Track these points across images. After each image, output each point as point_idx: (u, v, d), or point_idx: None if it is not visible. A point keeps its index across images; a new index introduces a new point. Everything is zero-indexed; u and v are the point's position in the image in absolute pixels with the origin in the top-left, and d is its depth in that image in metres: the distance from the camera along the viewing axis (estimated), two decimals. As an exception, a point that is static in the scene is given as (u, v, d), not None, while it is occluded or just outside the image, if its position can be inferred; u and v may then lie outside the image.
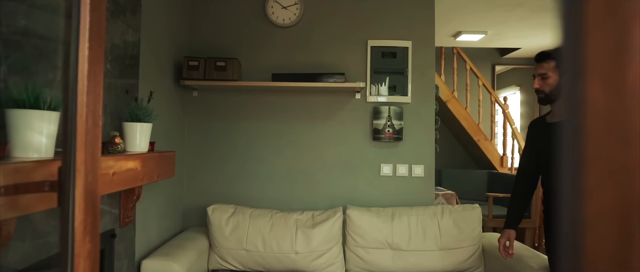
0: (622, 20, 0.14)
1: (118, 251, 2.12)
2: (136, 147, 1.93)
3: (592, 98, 0.13)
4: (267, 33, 3.18)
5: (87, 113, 0.77)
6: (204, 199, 3.14)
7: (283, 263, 2.76)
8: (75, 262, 0.77)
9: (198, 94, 3.17)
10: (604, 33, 0.14)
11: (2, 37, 1.28)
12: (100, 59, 0.80)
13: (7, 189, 0.92)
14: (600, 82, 0.13)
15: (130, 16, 2.16)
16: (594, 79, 0.13)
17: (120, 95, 2.07)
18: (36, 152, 1.20)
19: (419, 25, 3.17)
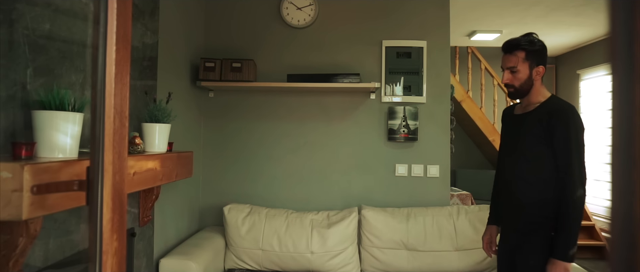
0: None
1: (137, 250, 2.15)
2: (155, 148, 1.96)
3: None
4: (282, 34, 3.20)
5: (114, 114, 0.79)
6: (220, 199, 3.18)
7: (299, 263, 2.77)
8: (103, 259, 0.79)
9: (214, 94, 3.21)
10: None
11: (29, 41, 1.31)
12: (127, 61, 0.82)
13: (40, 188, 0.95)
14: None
15: (149, 19, 2.20)
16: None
17: (140, 96, 2.11)
18: (61, 153, 1.23)
19: (433, 25, 3.16)
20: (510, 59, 1.84)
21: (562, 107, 1.79)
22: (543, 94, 1.87)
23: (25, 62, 1.30)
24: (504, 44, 1.88)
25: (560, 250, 1.72)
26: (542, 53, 1.85)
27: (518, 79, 1.84)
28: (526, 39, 1.84)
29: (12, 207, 0.99)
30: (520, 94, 1.88)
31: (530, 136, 1.83)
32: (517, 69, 1.83)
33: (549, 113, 1.79)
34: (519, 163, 1.89)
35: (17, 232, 1.11)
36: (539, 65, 1.84)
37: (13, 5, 1.25)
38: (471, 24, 5.06)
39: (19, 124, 1.27)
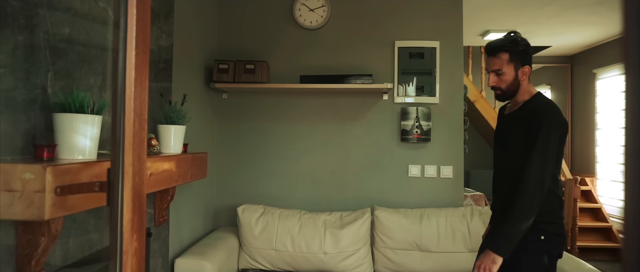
0: None
1: (153, 250, 2.19)
2: (171, 149, 1.99)
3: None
4: (295, 35, 3.22)
5: (134, 117, 0.81)
6: (234, 199, 3.20)
7: (312, 263, 2.79)
8: (123, 259, 0.81)
9: (228, 96, 3.24)
10: None
11: (50, 45, 1.35)
12: (146, 66, 0.84)
13: (63, 189, 0.97)
14: None
15: (164, 22, 2.23)
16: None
17: (155, 98, 2.14)
18: (81, 154, 1.26)
19: (446, 25, 3.14)
20: (495, 62, 1.81)
21: (537, 106, 1.76)
22: (530, 92, 1.84)
23: (46, 65, 1.33)
24: (487, 47, 1.84)
25: (494, 241, 1.71)
26: (527, 53, 1.81)
27: (504, 81, 1.81)
28: (509, 40, 1.80)
29: (34, 208, 1.02)
30: (508, 96, 1.85)
31: (513, 135, 1.82)
32: (503, 71, 1.80)
33: (527, 111, 1.78)
34: (505, 162, 1.87)
35: (39, 232, 1.14)
36: (524, 66, 1.80)
37: (35, 11, 1.28)
38: (484, 24, 5.03)
39: (40, 127, 1.30)
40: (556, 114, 1.72)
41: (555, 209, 1.79)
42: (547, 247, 1.75)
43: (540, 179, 1.66)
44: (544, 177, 1.67)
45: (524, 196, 1.67)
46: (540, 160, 1.67)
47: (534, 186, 1.66)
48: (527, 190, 1.67)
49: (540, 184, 1.66)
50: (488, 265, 1.67)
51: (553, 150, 1.69)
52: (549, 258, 1.76)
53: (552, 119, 1.69)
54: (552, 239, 1.76)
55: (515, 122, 1.82)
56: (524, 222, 1.67)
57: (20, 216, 1.03)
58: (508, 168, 1.85)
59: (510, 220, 1.68)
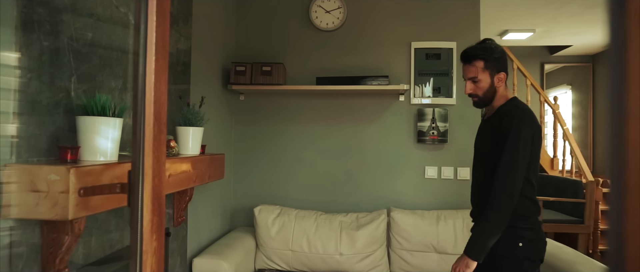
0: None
1: (172, 249, 2.23)
2: (189, 150, 2.03)
3: (632, 138, 0.16)
4: (311, 37, 3.23)
5: (154, 121, 0.83)
6: (251, 200, 3.24)
7: (328, 264, 2.80)
8: (143, 258, 0.84)
9: (245, 98, 3.27)
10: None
11: (73, 49, 1.39)
12: (165, 70, 0.87)
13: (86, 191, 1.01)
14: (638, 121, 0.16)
15: (182, 25, 2.27)
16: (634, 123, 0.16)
17: (174, 100, 2.18)
18: (103, 156, 1.30)
19: (463, 26, 3.12)
20: (470, 70, 1.82)
21: (509, 110, 1.77)
22: (505, 97, 1.85)
23: (69, 70, 1.37)
24: (462, 55, 1.86)
25: (468, 245, 1.72)
26: (502, 59, 1.83)
27: (480, 88, 1.82)
28: (483, 48, 1.81)
29: (59, 208, 1.06)
30: (485, 102, 1.86)
31: (486, 140, 1.84)
32: (478, 79, 1.80)
33: (499, 116, 1.79)
34: (480, 167, 1.89)
35: (63, 231, 1.18)
36: (499, 72, 1.81)
37: (59, 17, 1.32)
38: (503, 23, 4.97)
39: (64, 129, 1.34)
40: (526, 117, 1.72)
41: (532, 214, 1.78)
42: (526, 253, 1.75)
43: (510, 185, 1.67)
44: (514, 183, 1.67)
45: (494, 201, 1.68)
46: (510, 166, 1.67)
47: (503, 192, 1.67)
48: (496, 196, 1.68)
49: (510, 190, 1.67)
50: (462, 268, 1.70)
51: (524, 155, 1.69)
52: (531, 263, 1.77)
53: (521, 123, 1.70)
54: (531, 245, 1.76)
55: (489, 127, 1.85)
56: (495, 228, 1.68)
57: (45, 216, 1.07)
58: (482, 173, 1.86)
59: (482, 225, 1.71)
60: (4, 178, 1.12)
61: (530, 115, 1.74)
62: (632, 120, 0.17)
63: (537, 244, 1.78)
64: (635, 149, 0.17)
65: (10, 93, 1.17)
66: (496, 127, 1.77)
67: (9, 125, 1.16)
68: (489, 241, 1.68)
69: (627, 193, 0.17)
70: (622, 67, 0.17)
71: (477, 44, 1.85)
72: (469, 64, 1.82)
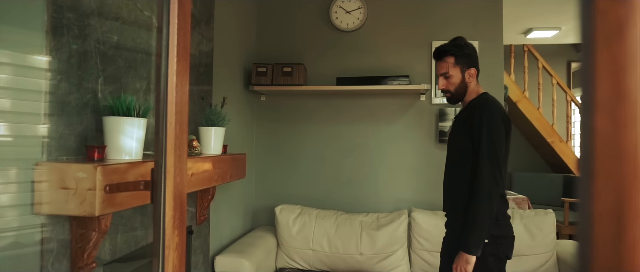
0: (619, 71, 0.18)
1: (195, 247, 2.27)
2: (211, 150, 2.07)
3: (599, 128, 0.17)
4: (332, 38, 3.25)
5: (175, 121, 0.86)
6: (272, 200, 3.27)
7: (348, 264, 2.80)
8: (165, 254, 0.87)
9: (266, 98, 3.31)
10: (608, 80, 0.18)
11: (100, 52, 1.44)
12: (186, 72, 0.90)
13: (111, 187, 1.05)
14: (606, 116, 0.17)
15: (205, 27, 2.32)
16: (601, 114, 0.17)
17: (196, 101, 2.23)
18: (128, 155, 1.34)
19: (485, 24, 3.08)
20: (442, 66, 1.88)
21: (479, 103, 1.81)
22: (477, 92, 1.89)
23: (96, 72, 1.43)
24: (434, 52, 1.93)
25: (463, 242, 1.74)
26: (472, 56, 1.88)
27: (452, 83, 1.87)
28: (454, 45, 1.87)
29: (87, 204, 1.10)
30: (457, 97, 1.90)
31: (458, 134, 1.88)
32: (450, 74, 1.86)
33: (469, 109, 1.83)
34: (452, 163, 1.93)
35: (90, 227, 1.23)
36: (470, 68, 1.86)
37: (87, 21, 1.37)
38: (527, 21, 4.88)
39: (91, 129, 1.40)
40: (495, 111, 1.76)
41: (499, 208, 1.79)
42: (492, 249, 1.76)
43: (493, 177, 1.70)
44: (495, 174, 1.71)
45: (479, 192, 1.70)
46: (489, 158, 1.71)
47: (488, 184, 1.70)
48: (482, 189, 1.70)
49: (494, 181, 1.70)
50: (463, 266, 1.72)
51: (500, 143, 1.73)
52: (496, 260, 1.78)
53: (492, 114, 1.74)
54: (498, 241, 1.77)
55: (461, 121, 1.89)
56: (485, 218, 1.70)
57: (74, 212, 1.11)
58: (453, 165, 1.91)
59: (472, 219, 1.72)
60: (36, 176, 1.17)
61: (499, 108, 1.79)
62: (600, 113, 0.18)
63: (503, 240, 1.80)
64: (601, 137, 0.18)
65: (42, 95, 1.22)
66: (467, 120, 1.82)
67: (40, 125, 1.21)
68: (483, 233, 1.71)
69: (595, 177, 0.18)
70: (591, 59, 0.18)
71: (449, 41, 1.92)
72: (440, 60, 1.89)
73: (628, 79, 0.18)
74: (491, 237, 1.75)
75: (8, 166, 1.13)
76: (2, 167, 1.12)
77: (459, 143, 1.85)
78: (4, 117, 1.13)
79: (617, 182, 0.17)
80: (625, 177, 0.17)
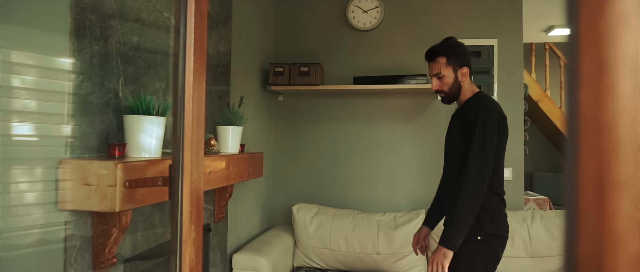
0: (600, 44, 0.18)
1: (213, 245, 2.30)
2: (228, 149, 2.09)
3: (583, 102, 0.18)
4: (349, 37, 3.25)
5: (192, 118, 0.88)
6: (289, 199, 3.29)
7: (365, 263, 2.80)
8: (182, 248, 0.89)
9: (283, 98, 3.33)
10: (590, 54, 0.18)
11: (121, 53, 1.48)
12: (203, 70, 0.92)
13: (131, 183, 1.07)
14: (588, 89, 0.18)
15: (222, 28, 2.35)
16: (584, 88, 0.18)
17: (215, 101, 2.26)
18: (147, 153, 1.37)
19: (505, 22, 3.04)
20: (434, 67, 1.88)
21: (474, 103, 1.80)
22: (472, 91, 1.88)
23: (117, 72, 1.46)
24: (426, 53, 1.93)
25: (442, 236, 1.73)
26: (463, 55, 1.88)
27: (445, 83, 1.87)
28: (444, 45, 1.87)
29: (108, 200, 1.13)
30: (452, 97, 1.90)
31: (457, 133, 1.87)
32: (442, 75, 1.86)
33: (466, 109, 1.82)
34: (450, 163, 1.93)
35: (111, 223, 1.26)
36: (462, 67, 1.86)
37: (108, 23, 1.41)
38: (548, 19, 4.79)
39: (112, 127, 1.43)
40: (492, 110, 1.75)
41: (496, 207, 1.79)
42: (482, 247, 1.75)
43: (480, 173, 1.69)
44: (483, 170, 1.69)
45: (463, 188, 1.69)
46: (478, 155, 1.70)
47: (473, 179, 1.69)
48: (467, 184, 1.69)
49: (480, 177, 1.69)
50: (440, 259, 1.71)
51: (491, 143, 1.72)
52: (484, 258, 1.76)
53: (487, 113, 1.73)
54: (491, 240, 1.76)
55: (458, 121, 1.88)
56: (467, 215, 1.69)
57: (95, 208, 1.15)
58: (450, 166, 1.91)
59: (453, 214, 1.71)
60: (60, 173, 1.21)
61: (495, 107, 1.79)
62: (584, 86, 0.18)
63: (497, 239, 1.79)
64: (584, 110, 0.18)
65: (65, 96, 1.26)
66: (463, 119, 1.81)
67: (63, 124, 1.25)
68: (462, 229, 1.70)
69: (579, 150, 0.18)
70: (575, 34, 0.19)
71: (440, 42, 1.92)
72: (432, 61, 1.90)
73: (608, 52, 0.18)
74: (484, 235, 1.75)
75: (34, 164, 1.17)
76: (29, 165, 1.16)
77: (458, 143, 1.84)
78: (30, 117, 1.17)
79: (599, 154, 0.18)
80: (605, 148, 0.18)
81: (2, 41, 1.10)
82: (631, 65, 0.17)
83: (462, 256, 1.76)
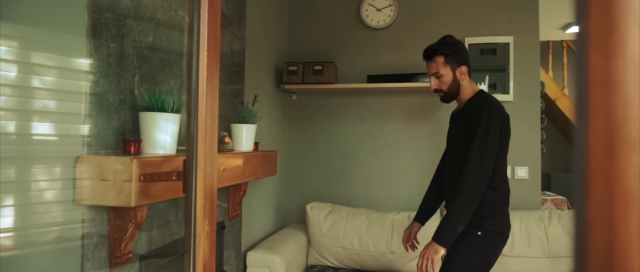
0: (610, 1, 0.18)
1: (227, 242, 2.32)
2: (242, 146, 2.11)
3: (592, 60, 0.18)
4: (362, 36, 3.24)
5: (206, 113, 0.89)
6: (303, 197, 3.29)
7: (379, 262, 2.79)
8: (196, 242, 0.90)
9: (297, 97, 3.34)
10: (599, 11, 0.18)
11: (136, 51, 1.50)
12: (216, 65, 0.92)
13: (145, 177, 1.09)
14: (597, 48, 0.18)
15: (237, 27, 2.36)
16: (593, 46, 0.18)
17: (229, 99, 2.28)
18: (162, 149, 1.39)
19: (521, 19, 3.00)
20: (432, 66, 1.88)
21: (477, 103, 1.79)
22: (472, 90, 1.87)
23: (133, 70, 1.48)
24: (424, 52, 1.92)
25: (436, 232, 1.75)
26: (461, 54, 1.87)
27: (444, 83, 1.86)
28: (442, 44, 1.86)
29: (123, 195, 1.15)
30: (451, 96, 1.90)
31: (458, 134, 1.86)
32: (441, 74, 1.85)
33: (468, 109, 1.81)
34: (452, 162, 1.91)
35: (127, 218, 1.28)
36: (461, 66, 1.86)
37: (124, 21, 1.43)
38: (566, 16, 4.71)
39: (128, 124, 1.45)
40: (495, 110, 1.74)
41: (498, 205, 1.78)
42: (482, 243, 1.75)
43: (479, 175, 1.68)
44: (482, 172, 1.69)
45: (462, 190, 1.69)
46: (479, 155, 1.69)
47: (472, 180, 1.68)
48: (465, 184, 1.69)
49: (479, 179, 1.68)
50: (430, 254, 1.73)
51: (493, 144, 1.71)
52: (480, 254, 1.76)
53: (490, 114, 1.72)
54: (491, 237, 1.76)
55: (460, 121, 1.87)
56: (462, 215, 1.69)
57: (112, 202, 1.16)
58: (454, 167, 1.89)
59: (450, 213, 1.72)
60: (78, 169, 1.23)
61: (498, 106, 1.78)
62: (593, 44, 0.18)
63: (496, 236, 1.78)
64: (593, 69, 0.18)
65: (82, 96, 1.28)
66: (466, 119, 1.80)
67: (80, 123, 1.27)
68: (456, 228, 1.70)
69: (589, 109, 0.18)
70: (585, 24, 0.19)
71: (437, 41, 1.91)
72: (430, 60, 1.89)
73: (617, 8, 0.18)
74: (484, 231, 1.76)
75: (52, 162, 1.19)
76: (48, 163, 1.18)
77: (460, 143, 1.83)
78: (49, 116, 1.19)
79: (608, 112, 0.17)
80: (615, 106, 0.17)
81: (23, 43, 1.12)
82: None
83: (460, 248, 1.78)
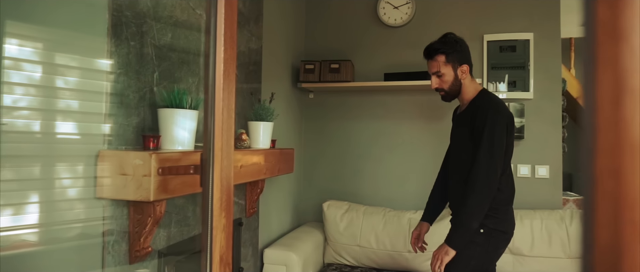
0: None
1: (244, 239, 2.34)
2: (260, 144, 2.12)
3: (600, 13, 0.17)
4: (379, 34, 3.23)
5: (223, 107, 0.90)
6: (320, 196, 3.30)
7: (396, 261, 2.78)
8: (213, 234, 0.91)
9: (314, 95, 3.34)
10: None
11: (155, 50, 1.52)
12: (233, 60, 0.93)
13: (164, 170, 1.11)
14: (606, 1, 0.17)
15: (254, 25, 2.38)
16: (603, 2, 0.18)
17: (246, 97, 2.29)
18: (180, 145, 1.41)
19: (541, 15, 2.95)
20: (433, 65, 1.86)
21: (481, 104, 1.77)
22: (475, 89, 1.84)
23: (152, 68, 1.51)
24: (424, 51, 1.90)
25: (448, 235, 1.75)
26: (463, 52, 1.84)
27: (445, 82, 1.84)
28: (443, 42, 1.84)
29: (143, 190, 1.17)
30: (452, 95, 1.88)
31: (462, 135, 1.84)
32: (442, 73, 1.83)
33: (473, 109, 1.78)
34: (456, 162, 1.89)
35: (146, 213, 1.30)
36: (462, 65, 1.84)
37: (144, 20, 1.46)
38: (589, 13, 4.60)
39: (147, 120, 1.48)
40: (499, 110, 1.73)
41: (501, 203, 1.77)
42: (484, 241, 1.74)
43: (487, 177, 1.67)
44: (491, 174, 1.67)
45: (472, 193, 1.68)
46: (488, 158, 1.67)
47: (482, 184, 1.67)
48: (476, 188, 1.67)
49: (488, 181, 1.67)
50: (441, 256, 1.73)
51: (500, 145, 1.70)
52: (482, 251, 1.75)
53: (496, 115, 1.70)
54: (493, 235, 1.75)
55: (464, 121, 1.84)
56: (474, 217, 1.68)
57: (131, 197, 1.19)
58: (456, 166, 1.88)
59: (461, 217, 1.71)
60: (99, 164, 1.25)
61: (502, 107, 1.76)
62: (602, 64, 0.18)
63: (499, 234, 1.78)
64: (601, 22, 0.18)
65: (103, 95, 1.31)
66: (470, 120, 1.78)
67: (101, 121, 1.30)
68: (468, 230, 1.70)
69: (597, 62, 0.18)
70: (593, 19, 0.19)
71: (438, 39, 1.88)
72: (431, 59, 1.87)
73: None
74: (487, 229, 1.75)
75: (75, 158, 1.22)
76: (70, 160, 1.21)
77: (465, 145, 1.81)
78: (72, 116, 1.22)
79: (616, 63, 0.17)
80: (622, 57, 0.17)
81: (47, 44, 1.15)
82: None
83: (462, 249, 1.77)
